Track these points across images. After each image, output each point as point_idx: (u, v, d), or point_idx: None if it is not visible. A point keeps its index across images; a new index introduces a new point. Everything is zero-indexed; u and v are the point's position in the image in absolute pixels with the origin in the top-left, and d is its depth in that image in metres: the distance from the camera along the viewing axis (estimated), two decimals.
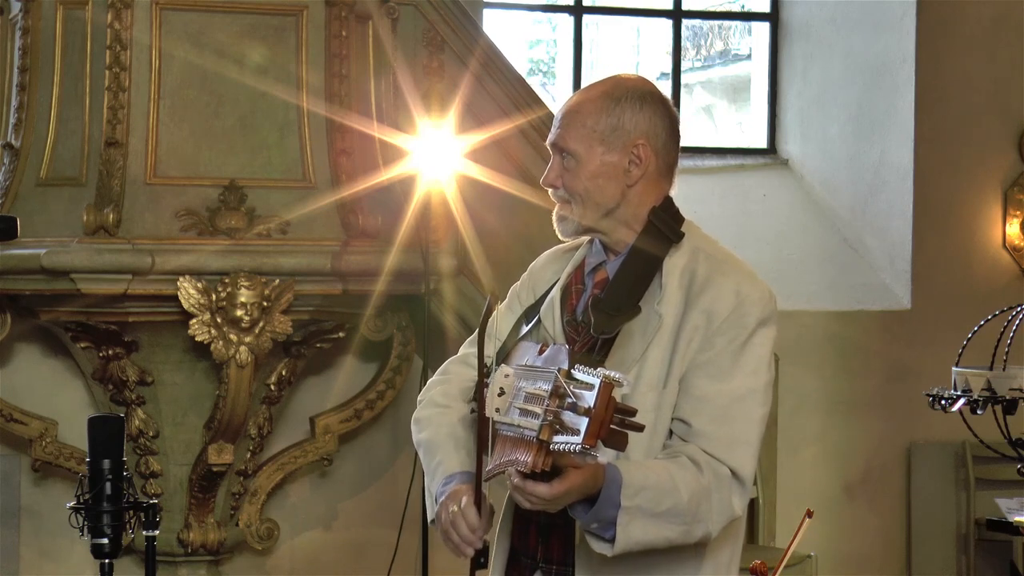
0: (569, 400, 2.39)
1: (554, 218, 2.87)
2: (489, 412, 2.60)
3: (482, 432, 2.64)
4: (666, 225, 2.82)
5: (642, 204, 2.82)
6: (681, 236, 2.83)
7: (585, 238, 2.91)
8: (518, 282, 3.05)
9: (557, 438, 2.40)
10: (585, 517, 2.60)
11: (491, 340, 2.97)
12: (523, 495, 2.53)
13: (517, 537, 2.87)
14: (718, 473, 2.68)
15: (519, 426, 2.49)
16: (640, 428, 2.48)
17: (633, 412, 2.44)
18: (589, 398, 2.37)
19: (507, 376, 2.60)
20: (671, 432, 2.75)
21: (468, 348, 3.05)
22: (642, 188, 2.82)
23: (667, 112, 2.85)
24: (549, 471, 2.47)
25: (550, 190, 2.87)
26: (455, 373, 3.02)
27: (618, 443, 2.42)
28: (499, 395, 2.60)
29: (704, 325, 2.74)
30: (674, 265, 2.79)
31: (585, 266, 2.90)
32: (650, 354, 2.74)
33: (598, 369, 2.41)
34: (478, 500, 2.71)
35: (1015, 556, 7.28)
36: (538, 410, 2.43)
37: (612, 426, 2.39)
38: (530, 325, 2.86)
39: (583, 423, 2.37)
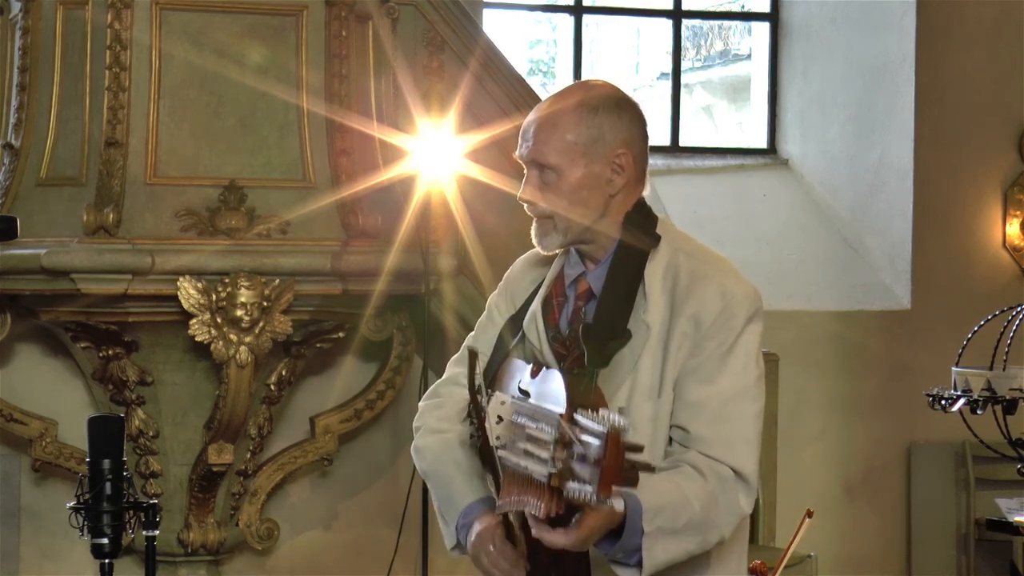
0: (577, 450, 2.35)
1: (533, 235, 2.82)
2: (492, 441, 2.59)
3: (493, 468, 2.64)
4: (642, 229, 2.79)
5: (622, 212, 2.80)
6: (658, 239, 2.80)
7: (556, 251, 2.86)
8: (495, 292, 3.01)
9: (569, 485, 2.36)
10: (612, 550, 2.58)
11: (477, 359, 2.96)
12: (542, 539, 2.52)
13: (528, 560, 2.84)
14: (721, 475, 2.67)
15: (527, 467, 2.46)
16: (651, 469, 2.45)
17: (640, 448, 2.40)
18: (597, 448, 2.33)
19: (503, 404, 2.58)
20: (670, 439, 2.74)
21: (455, 367, 3.00)
22: (623, 196, 2.79)
23: (641, 117, 2.82)
24: (564, 512, 2.46)
25: (526, 206, 2.81)
26: (447, 395, 2.98)
27: (630, 483, 2.39)
28: (497, 423, 2.58)
29: (692, 331, 2.72)
30: (654, 271, 2.76)
31: (564, 277, 2.86)
32: (641, 365, 2.72)
33: (601, 413, 2.35)
34: (509, 534, 2.72)
35: (1015, 556, 7.29)
36: (544, 455, 2.40)
37: (623, 471, 2.36)
38: (515, 340, 2.84)
39: (595, 474, 2.33)
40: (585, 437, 2.34)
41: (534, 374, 2.60)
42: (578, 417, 2.37)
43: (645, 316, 2.73)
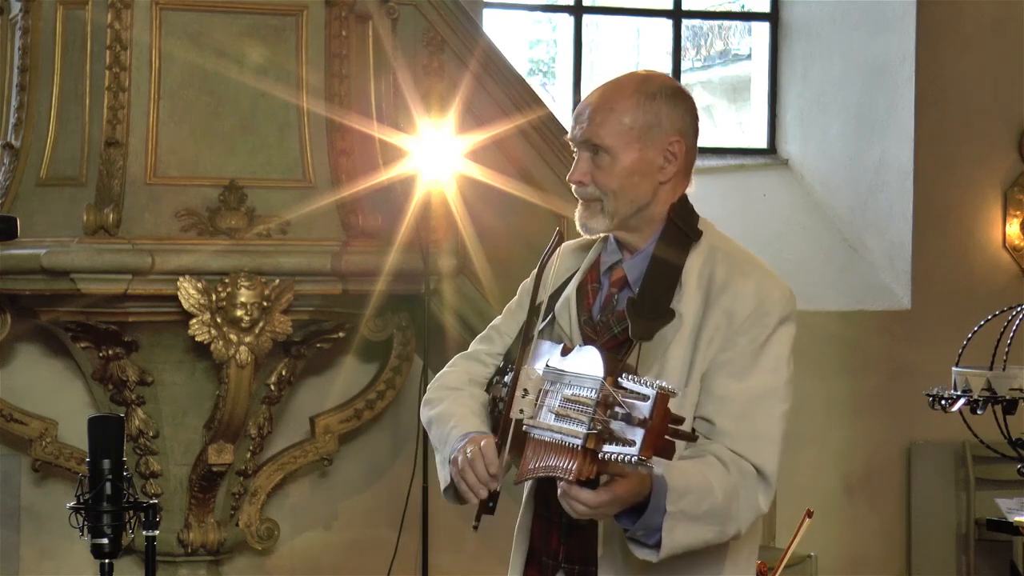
0: (620, 410, 2.36)
1: (577, 219, 2.83)
2: (513, 414, 2.58)
3: (509, 400, 2.63)
4: (685, 223, 2.82)
5: (667, 202, 2.82)
6: (699, 234, 2.82)
7: (600, 235, 2.89)
8: (528, 278, 3.00)
9: (607, 447, 2.36)
10: (633, 526, 2.58)
11: (501, 337, 2.96)
12: (567, 501, 2.50)
13: (538, 538, 2.85)
14: (744, 471, 2.68)
15: (558, 431, 2.46)
16: (693, 438, 2.49)
17: (682, 420, 2.42)
18: (644, 409, 2.34)
19: (531, 377, 2.58)
20: (693, 430, 2.74)
21: (478, 344, 3.02)
22: (671, 186, 2.82)
23: (694, 111, 2.85)
24: (593, 479, 2.45)
25: (575, 187, 2.82)
26: (463, 367, 3.00)
27: (667, 453, 2.40)
28: (523, 396, 2.58)
29: (725, 325, 2.73)
30: (692, 265, 2.78)
31: (600, 264, 2.88)
32: (671, 353, 2.72)
33: (644, 378, 2.39)
34: (500, 446, 2.66)
35: (1015, 556, 7.28)
36: (583, 418, 2.40)
37: (665, 436, 2.37)
38: (543, 322, 2.84)
39: (638, 434, 2.33)
40: (630, 400, 2.36)
41: (565, 352, 2.60)
42: (623, 380, 2.39)
43: (679, 306, 2.74)
